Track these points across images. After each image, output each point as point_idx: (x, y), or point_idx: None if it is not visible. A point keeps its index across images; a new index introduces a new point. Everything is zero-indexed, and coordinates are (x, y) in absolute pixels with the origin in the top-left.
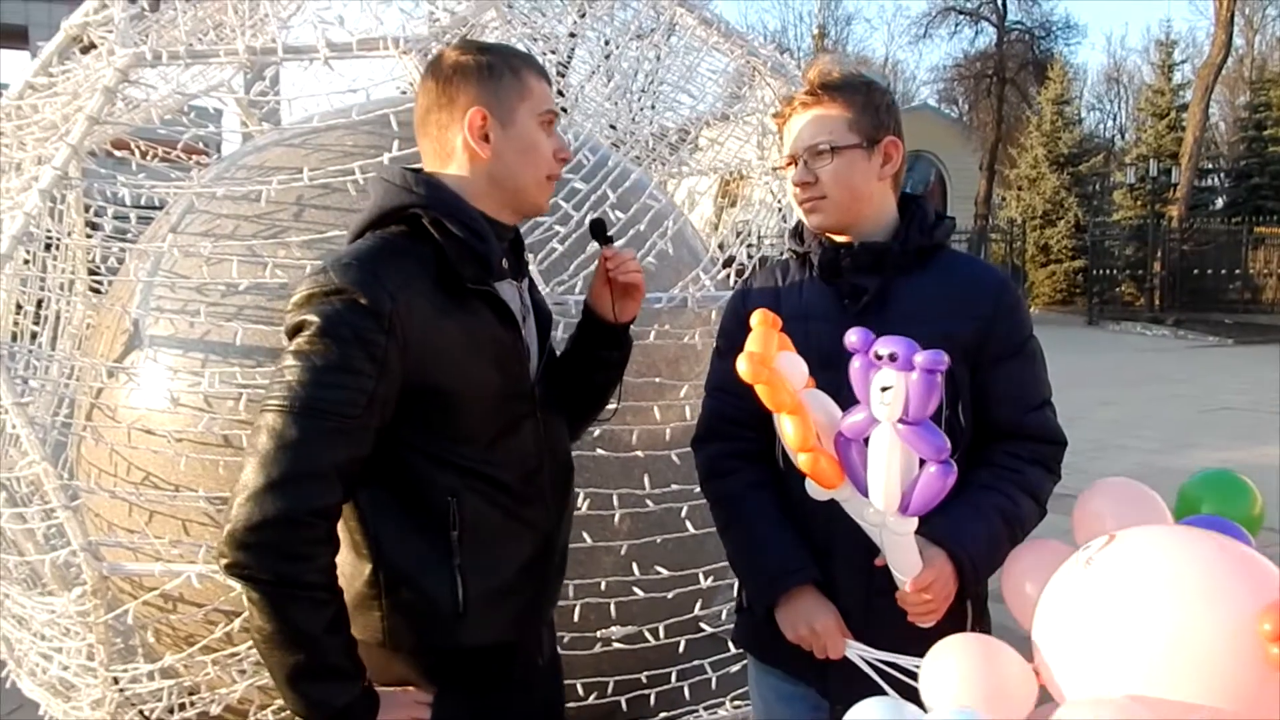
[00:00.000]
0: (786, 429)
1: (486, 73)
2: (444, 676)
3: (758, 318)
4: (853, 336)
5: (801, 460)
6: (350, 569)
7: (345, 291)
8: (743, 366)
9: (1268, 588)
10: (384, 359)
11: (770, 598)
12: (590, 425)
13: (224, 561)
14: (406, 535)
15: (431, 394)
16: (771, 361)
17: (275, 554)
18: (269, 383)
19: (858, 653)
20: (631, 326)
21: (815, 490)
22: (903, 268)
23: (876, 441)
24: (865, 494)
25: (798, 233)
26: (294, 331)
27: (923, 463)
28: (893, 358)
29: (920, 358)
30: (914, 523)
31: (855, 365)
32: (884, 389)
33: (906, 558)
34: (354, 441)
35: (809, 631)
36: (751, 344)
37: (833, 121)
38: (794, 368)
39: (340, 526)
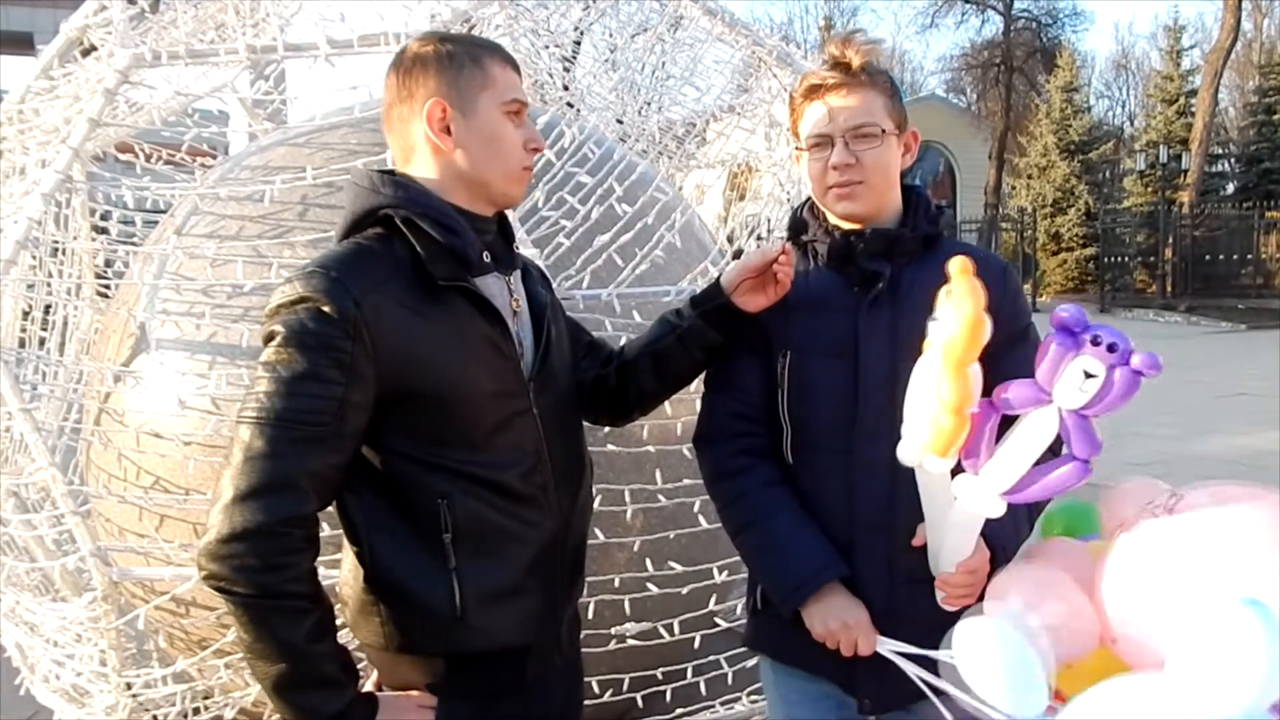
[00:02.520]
0: (953, 386)
1: (446, 62)
2: (451, 680)
3: (959, 264)
4: (1067, 311)
5: (949, 423)
6: (351, 574)
7: (309, 300)
8: (969, 307)
9: None
10: (352, 365)
11: (800, 598)
12: (652, 409)
13: (202, 574)
14: (399, 540)
15: (413, 396)
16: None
17: (249, 565)
18: (244, 395)
19: (890, 648)
20: (639, 319)
21: (909, 455)
22: (911, 255)
23: (1036, 420)
24: (973, 469)
25: (800, 222)
26: (265, 342)
27: (1043, 458)
28: (1111, 348)
29: (1138, 359)
30: (1004, 508)
31: (1057, 343)
32: (1089, 375)
33: (967, 540)
34: (326, 449)
35: (840, 626)
36: (975, 287)
37: (877, 106)
38: (989, 328)
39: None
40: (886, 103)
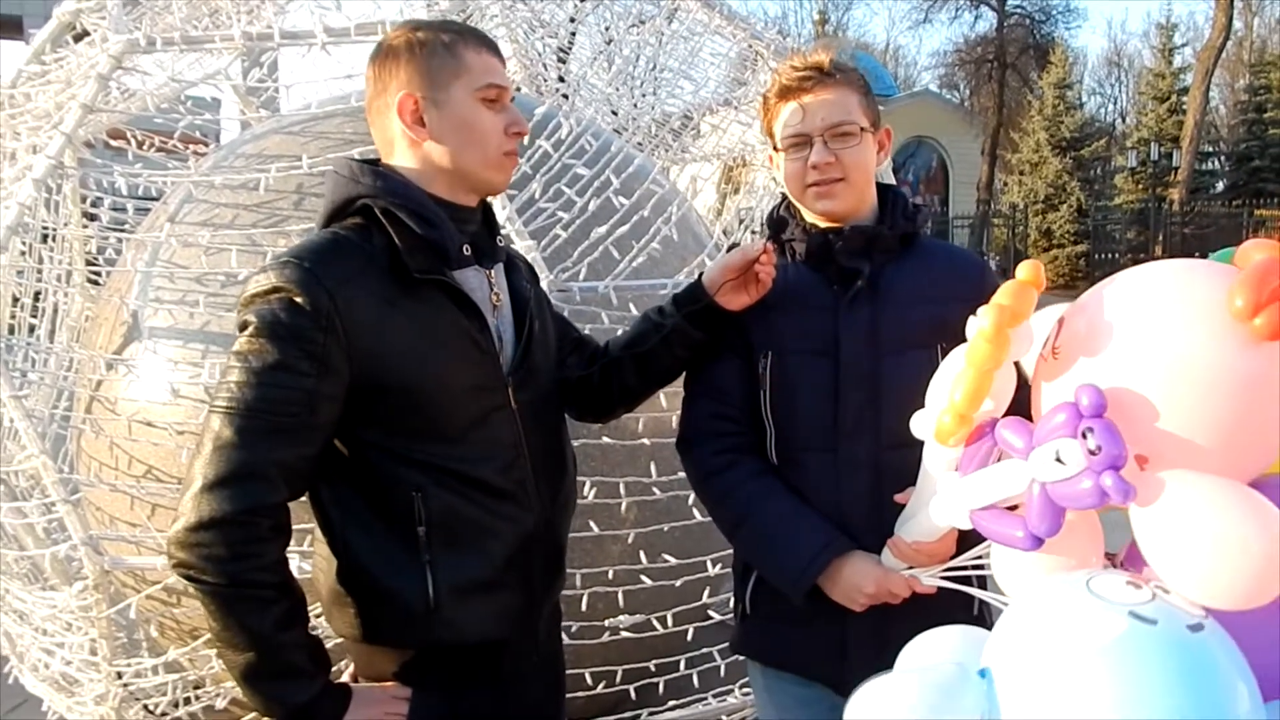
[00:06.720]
0: (965, 390)
1: (418, 51)
2: (426, 672)
3: (1028, 270)
4: (1087, 396)
5: (948, 422)
6: (325, 565)
7: (282, 290)
8: (988, 318)
9: (1229, 274)
10: (323, 356)
11: (808, 581)
12: (638, 404)
13: (171, 562)
14: (373, 532)
15: (387, 389)
16: (1015, 325)
17: (216, 553)
18: (217, 384)
19: (928, 576)
20: (635, 312)
21: (919, 428)
22: (889, 252)
23: (1007, 468)
24: (961, 471)
25: (778, 220)
26: (239, 331)
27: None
28: (1094, 451)
29: (1110, 480)
30: (968, 524)
31: (1062, 410)
32: (1059, 461)
33: (932, 531)
34: (296, 440)
35: (876, 588)
36: (1003, 296)
37: (853, 104)
38: (1024, 339)
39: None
40: (861, 100)
